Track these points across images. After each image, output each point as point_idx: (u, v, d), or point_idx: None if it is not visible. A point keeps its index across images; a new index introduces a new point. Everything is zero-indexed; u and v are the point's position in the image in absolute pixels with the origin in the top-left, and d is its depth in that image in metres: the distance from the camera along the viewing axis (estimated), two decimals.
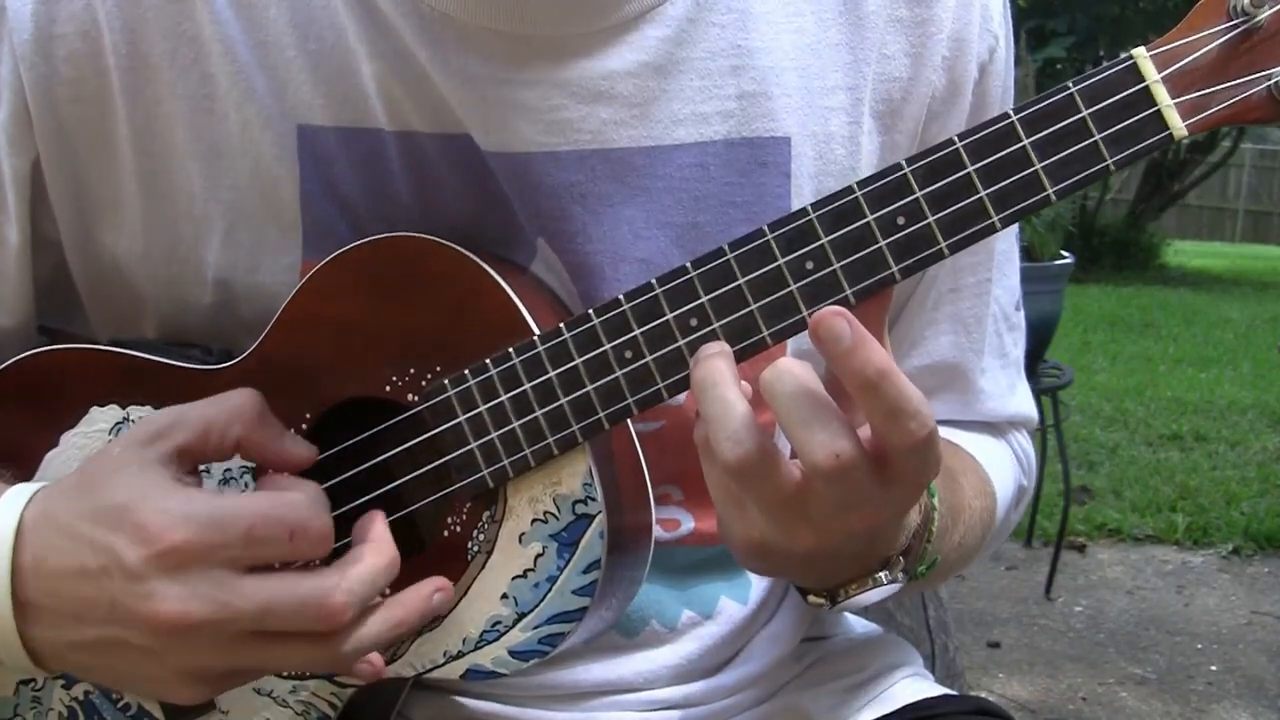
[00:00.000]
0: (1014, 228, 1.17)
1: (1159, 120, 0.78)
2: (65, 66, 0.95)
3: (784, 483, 0.78)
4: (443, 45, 0.93)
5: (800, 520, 0.80)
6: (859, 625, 1.27)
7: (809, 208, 0.82)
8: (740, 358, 0.85)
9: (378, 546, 0.87)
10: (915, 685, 1.18)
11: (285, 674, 0.96)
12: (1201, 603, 4.32)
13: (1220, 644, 4.02)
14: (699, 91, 0.97)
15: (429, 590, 0.88)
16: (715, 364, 0.80)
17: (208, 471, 0.94)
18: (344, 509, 0.92)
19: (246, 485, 0.95)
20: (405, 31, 0.93)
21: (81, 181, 0.98)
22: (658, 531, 0.97)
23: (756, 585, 1.11)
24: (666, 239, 0.98)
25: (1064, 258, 4.23)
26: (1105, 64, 0.78)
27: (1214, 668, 3.86)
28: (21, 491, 0.86)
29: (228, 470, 0.95)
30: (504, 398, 0.89)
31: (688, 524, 1.04)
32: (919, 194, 0.81)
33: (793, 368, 0.77)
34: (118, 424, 0.97)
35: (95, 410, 0.97)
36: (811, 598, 0.91)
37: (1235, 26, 0.78)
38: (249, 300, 0.99)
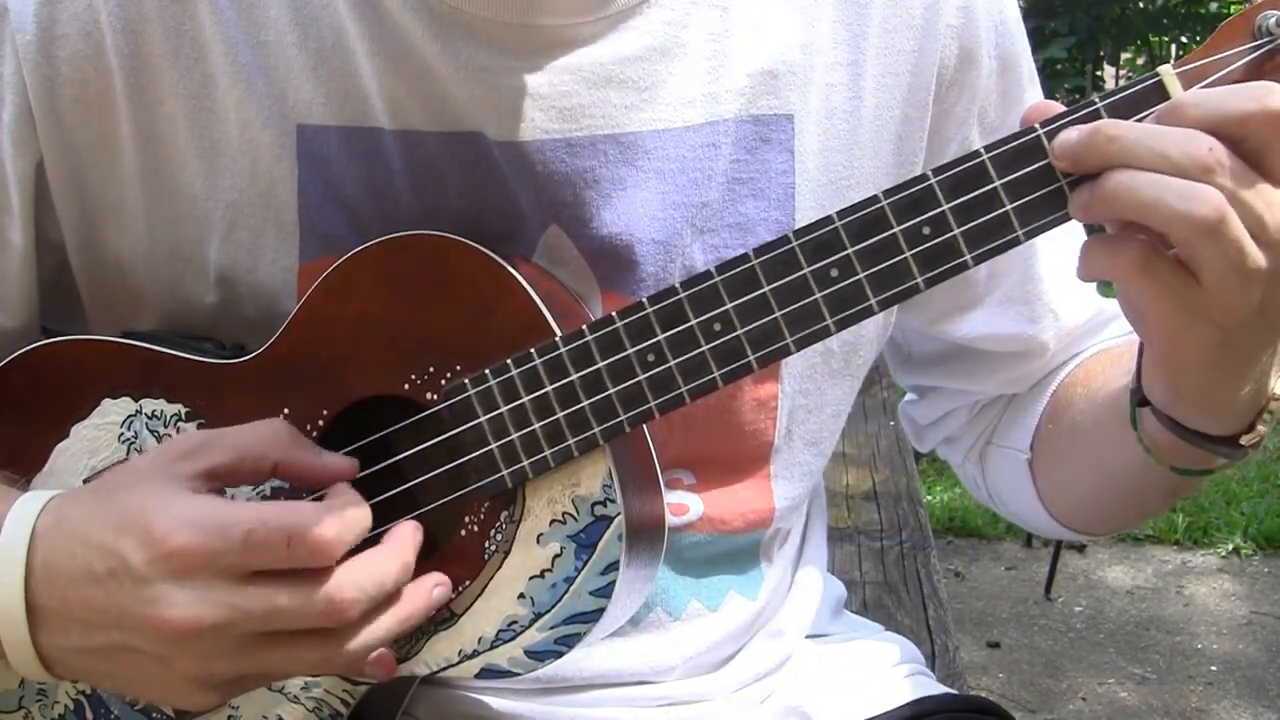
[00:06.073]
0: None
1: None
2: (68, 67, 0.95)
3: (1243, 231, 0.76)
4: (451, 39, 0.94)
5: (1264, 277, 0.77)
6: (859, 625, 1.28)
7: (834, 216, 0.83)
8: (762, 364, 0.85)
9: (392, 550, 0.87)
10: (915, 685, 1.19)
11: None
12: (1201, 603, 4.31)
13: (1220, 644, 4.01)
14: (705, 72, 0.98)
15: (430, 584, 0.89)
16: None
17: None
18: None
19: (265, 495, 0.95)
20: (411, 28, 0.94)
21: (85, 182, 0.98)
22: (666, 517, 0.97)
23: (766, 581, 1.11)
24: (681, 219, 0.99)
25: None
26: (1132, 80, 0.79)
27: (1214, 668, 3.86)
28: (36, 497, 0.86)
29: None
30: (525, 399, 0.89)
31: (697, 509, 1.05)
32: (945, 206, 0.81)
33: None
34: (129, 416, 0.97)
35: (108, 402, 0.97)
36: (1245, 438, 0.90)
37: (1260, 46, 0.78)
38: (252, 298, 0.99)
